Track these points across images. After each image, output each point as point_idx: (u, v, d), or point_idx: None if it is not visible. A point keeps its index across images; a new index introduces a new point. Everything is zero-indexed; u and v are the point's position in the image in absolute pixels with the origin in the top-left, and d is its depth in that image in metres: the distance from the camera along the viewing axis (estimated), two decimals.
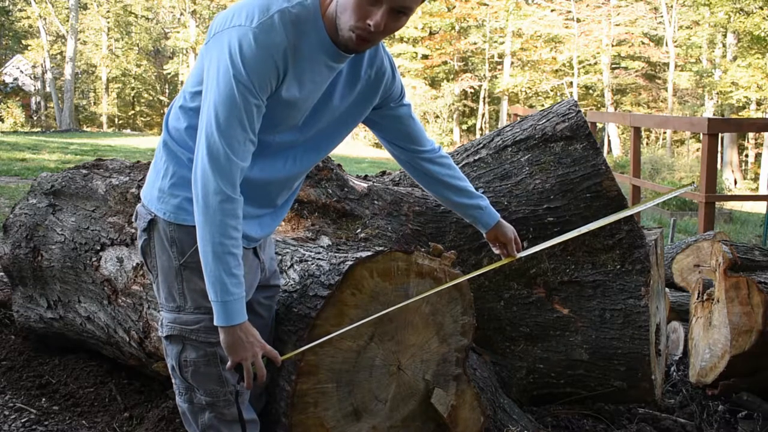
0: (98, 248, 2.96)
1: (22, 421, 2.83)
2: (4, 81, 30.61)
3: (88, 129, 31.34)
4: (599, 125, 14.04)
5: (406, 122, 2.02)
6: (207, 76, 1.63)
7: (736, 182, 24.02)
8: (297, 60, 1.63)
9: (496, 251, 2.27)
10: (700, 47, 28.43)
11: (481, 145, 3.09)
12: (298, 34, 1.61)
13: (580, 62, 27.86)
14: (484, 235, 2.23)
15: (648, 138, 30.34)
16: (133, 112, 36.59)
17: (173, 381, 1.91)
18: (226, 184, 1.61)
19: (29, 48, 31.20)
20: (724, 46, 26.15)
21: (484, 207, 2.16)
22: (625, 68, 28.38)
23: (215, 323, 1.67)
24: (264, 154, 1.75)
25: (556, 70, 28.77)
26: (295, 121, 1.75)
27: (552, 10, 27.59)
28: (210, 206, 1.61)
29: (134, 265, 2.76)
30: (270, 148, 1.76)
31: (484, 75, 29.98)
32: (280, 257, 2.27)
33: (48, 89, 32.21)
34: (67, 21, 30.37)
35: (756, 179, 25.26)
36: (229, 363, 1.71)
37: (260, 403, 2.00)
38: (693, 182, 3.77)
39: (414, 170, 2.12)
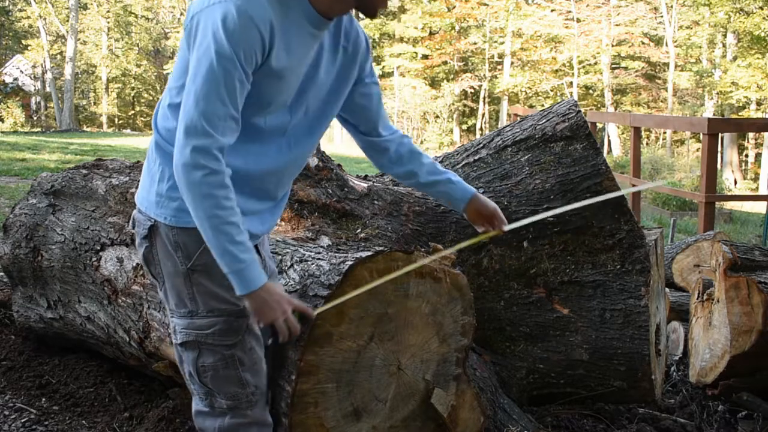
0: (98, 248, 2.96)
1: (22, 421, 2.83)
2: (4, 81, 30.55)
3: (88, 129, 31.33)
4: (599, 125, 14.03)
5: (376, 102, 2.00)
6: (190, 56, 1.62)
7: (736, 182, 24.02)
8: (282, 30, 1.64)
9: (482, 230, 2.14)
10: (700, 47, 28.41)
11: (481, 145, 3.09)
12: (281, 5, 1.63)
13: (580, 62, 27.84)
14: (465, 214, 2.12)
15: (648, 138, 30.32)
16: (133, 112, 36.58)
17: (191, 388, 1.85)
18: (207, 158, 1.58)
19: (29, 48, 31.17)
20: (724, 46, 26.13)
21: (456, 181, 2.09)
22: (625, 68, 28.35)
23: (237, 294, 1.65)
24: (257, 142, 1.74)
25: (556, 70, 28.74)
26: (284, 97, 1.74)
27: (552, 10, 27.55)
28: (194, 182, 1.58)
29: (134, 265, 2.76)
30: (262, 134, 1.75)
31: (484, 75, 29.96)
32: (280, 257, 2.27)
33: (48, 89, 32.18)
34: (67, 21, 30.35)
35: (756, 179, 25.25)
36: (261, 324, 1.71)
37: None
38: (664, 178, 3.76)
39: (379, 155, 2.06)
